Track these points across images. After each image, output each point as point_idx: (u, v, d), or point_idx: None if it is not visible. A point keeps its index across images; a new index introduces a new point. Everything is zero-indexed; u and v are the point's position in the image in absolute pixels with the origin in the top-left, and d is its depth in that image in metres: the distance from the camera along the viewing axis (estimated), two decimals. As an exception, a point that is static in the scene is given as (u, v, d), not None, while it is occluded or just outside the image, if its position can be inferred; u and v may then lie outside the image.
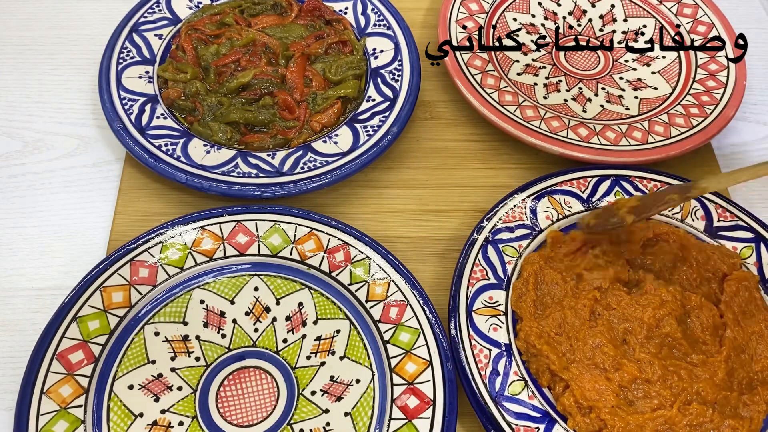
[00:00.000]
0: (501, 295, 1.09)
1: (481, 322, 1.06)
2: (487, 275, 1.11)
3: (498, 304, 1.08)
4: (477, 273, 1.10)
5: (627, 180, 1.21)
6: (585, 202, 1.19)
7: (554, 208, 1.18)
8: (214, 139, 1.22)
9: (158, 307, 1.07)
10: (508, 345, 1.05)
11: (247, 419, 1.00)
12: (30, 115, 1.31)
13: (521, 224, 1.16)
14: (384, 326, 1.06)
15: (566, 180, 1.21)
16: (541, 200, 1.18)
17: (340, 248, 1.11)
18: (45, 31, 1.43)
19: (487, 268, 1.11)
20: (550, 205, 1.18)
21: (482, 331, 1.05)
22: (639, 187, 1.21)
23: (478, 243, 1.13)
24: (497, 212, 1.16)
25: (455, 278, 1.09)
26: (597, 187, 1.20)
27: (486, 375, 1.01)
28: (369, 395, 1.02)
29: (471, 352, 1.03)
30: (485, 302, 1.08)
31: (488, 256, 1.12)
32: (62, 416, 0.95)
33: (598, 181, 1.21)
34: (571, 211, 1.18)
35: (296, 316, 1.08)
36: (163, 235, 1.10)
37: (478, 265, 1.11)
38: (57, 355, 0.99)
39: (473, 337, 1.04)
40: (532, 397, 1.01)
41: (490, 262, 1.12)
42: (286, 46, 1.35)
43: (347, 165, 1.19)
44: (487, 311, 1.08)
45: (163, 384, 1.01)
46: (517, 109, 1.29)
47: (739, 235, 1.18)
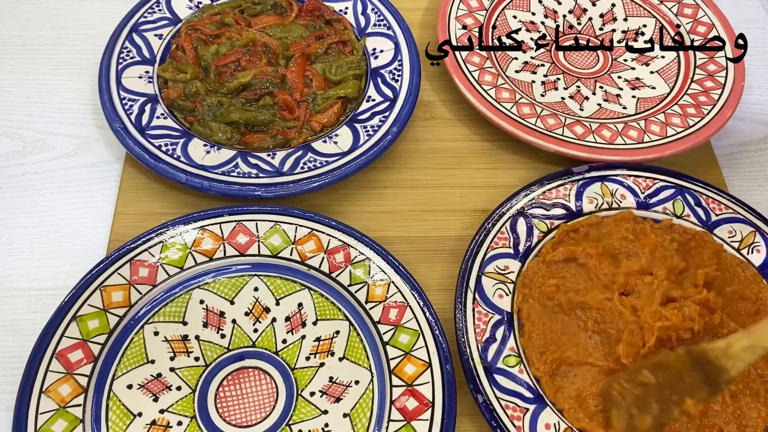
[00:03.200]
0: (515, 266, 1.11)
1: (489, 285, 1.07)
2: (508, 244, 1.12)
3: (509, 272, 1.09)
4: (499, 242, 1.12)
5: (690, 193, 1.22)
6: (640, 201, 1.20)
7: (602, 195, 1.19)
8: (214, 139, 1.22)
9: (158, 307, 1.07)
10: (509, 314, 1.06)
11: (245, 419, 1.00)
12: (30, 115, 1.31)
13: (560, 203, 1.18)
14: (383, 327, 1.06)
15: (628, 174, 1.22)
16: (592, 185, 1.20)
17: (340, 249, 1.11)
18: (45, 31, 1.43)
19: (511, 238, 1.13)
20: (599, 191, 1.19)
21: (487, 296, 1.06)
22: (701, 203, 1.21)
23: (508, 214, 1.15)
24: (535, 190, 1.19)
25: (474, 244, 1.11)
26: (659, 192, 1.21)
27: (482, 341, 1.02)
28: (368, 396, 1.02)
29: (472, 314, 1.04)
30: (497, 268, 1.09)
31: (516, 227, 1.14)
32: (61, 415, 0.95)
33: (662, 188, 1.22)
34: (620, 205, 1.19)
35: (296, 317, 1.08)
36: (164, 235, 1.10)
37: (504, 234, 1.13)
38: (56, 354, 0.99)
39: (477, 302, 1.05)
40: (522, 371, 1.01)
41: (516, 233, 1.14)
42: (286, 46, 1.35)
43: (347, 165, 1.19)
44: (497, 277, 1.09)
45: (162, 384, 1.01)
46: (513, 106, 1.29)
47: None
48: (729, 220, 1.20)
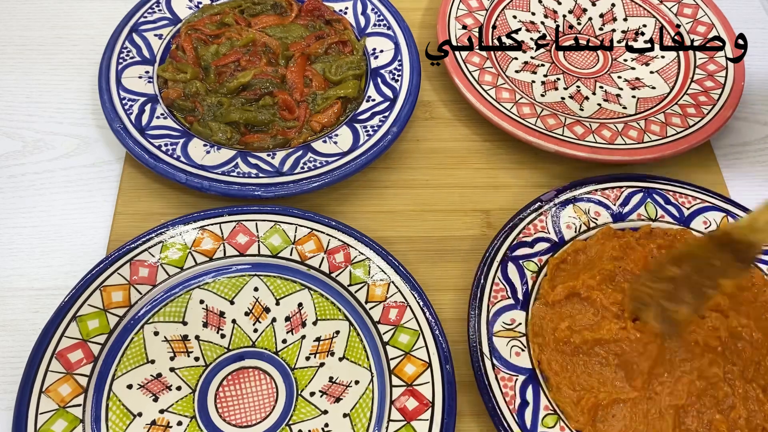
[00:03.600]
0: (521, 316, 1.08)
1: (502, 345, 1.05)
2: (507, 295, 1.10)
3: (518, 326, 1.07)
4: (497, 295, 1.10)
5: (658, 193, 1.21)
6: (615, 213, 1.19)
7: (577, 217, 1.18)
8: (214, 139, 1.22)
9: (158, 307, 1.07)
10: (532, 371, 1.04)
11: (245, 419, 1.00)
12: (30, 115, 1.31)
13: (541, 237, 1.16)
14: (383, 327, 1.06)
15: (595, 189, 1.21)
16: (564, 209, 1.19)
17: (340, 249, 1.12)
18: (45, 31, 1.43)
19: (507, 287, 1.11)
20: (573, 214, 1.18)
21: (504, 357, 1.04)
22: (671, 200, 1.21)
23: (496, 261, 1.13)
24: (515, 228, 1.16)
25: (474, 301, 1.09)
26: (629, 199, 1.20)
27: (515, 409, 1.00)
28: (368, 396, 1.02)
29: (496, 382, 1.02)
30: (505, 325, 1.07)
31: (507, 274, 1.12)
32: (61, 415, 0.95)
33: (630, 194, 1.21)
34: (597, 222, 1.18)
35: (296, 317, 1.08)
36: (164, 235, 1.10)
37: (498, 284, 1.11)
38: (56, 354, 0.99)
39: (497, 368, 1.03)
40: (563, 429, 1.00)
41: (509, 280, 1.11)
42: (286, 46, 1.35)
43: (347, 165, 1.19)
44: (508, 334, 1.06)
45: (162, 384, 1.01)
46: (513, 106, 1.29)
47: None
48: (700, 210, 1.20)
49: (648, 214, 1.19)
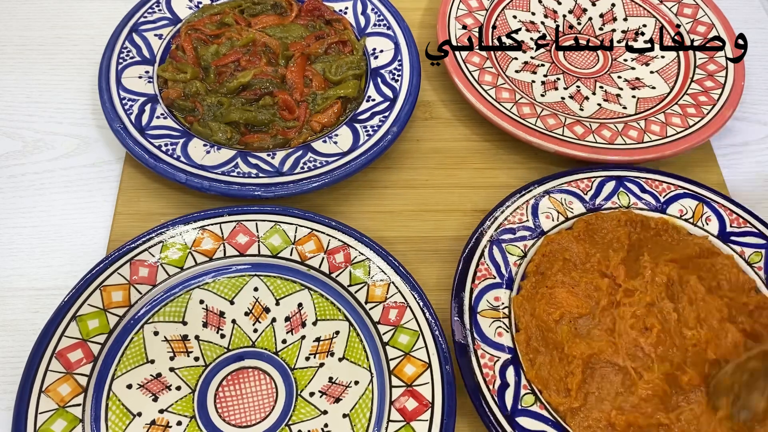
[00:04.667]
0: (505, 296, 1.09)
1: (486, 325, 1.06)
2: (491, 274, 1.11)
3: (503, 306, 1.08)
4: (482, 271, 1.10)
5: (631, 180, 1.21)
6: (586, 202, 1.19)
7: (555, 209, 1.18)
8: (214, 139, 1.22)
9: (158, 307, 1.07)
10: (512, 349, 1.04)
11: (245, 420, 1.00)
12: (30, 115, 1.31)
13: (522, 226, 1.16)
14: (383, 328, 1.06)
15: (569, 181, 1.21)
16: (542, 200, 1.18)
17: (340, 249, 1.12)
18: (45, 31, 1.43)
19: (491, 267, 1.11)
20: (551, 205, 1.18)
21: (487, 336, 1.05)
22: (645, 188, 1.21)
23: (482, 244, 1.13)
24: (498, 216, 1.16)
25: (457, 280, 1.09)
26: (601, 188, 1.20)
27: (495, 389, 1.01)
28: (367, 397, 1.02)
29: (477, 359, 1.03)
30: (490, 303, 1.08)
31: (493, 256, 1.12)
32: (61, 415, 0.95)
33: (602, 182, 1.21)
34: (573, 213, 1.18)
35: (296, 317, 1.08)
36: (164, 235, 1.10)
37: (483, 264, 1.11)
38: (56, 354, 0.99)
39: (478, 343, 1.04)
40: (542, 408, 1.00)
41: (495, 261, 1.12)
42: (286, 46, 1.35)
43: (347, 165, 1.19)
44: (491, 314, 1.07)
45: (161, 383, 1.01)
46: (513, 106, 1.29)
47: (749, 241, 1.17)
48: (676, 197, 1.21)
49: (621, 203, 1.19)
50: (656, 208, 1.20)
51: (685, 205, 1.20)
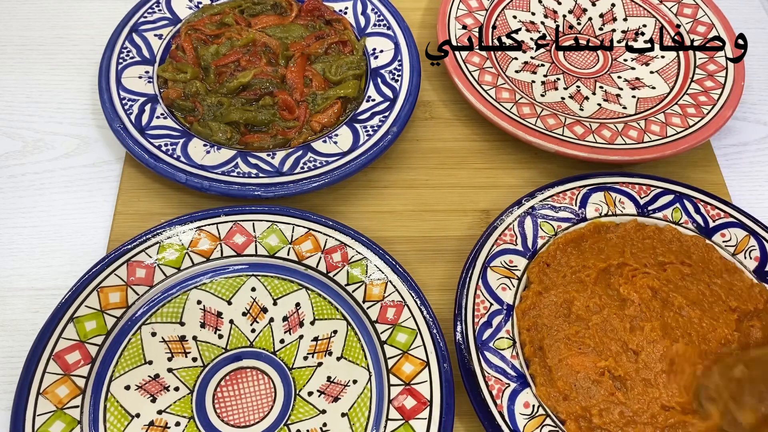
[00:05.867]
0: (522, 263, 1.11)
1: (493, 278, 1.08)
2: (515, 242, 1.12)
3: (515, 269, 1.10)
4: (506, 237, 1.13)
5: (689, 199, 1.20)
6: (641, 207, 1.19)
7: (606, 203, 1.18)
8: (214, 139, 1.22)
9: (155, 308, 1.07)
10: (510, 306, 1.06)
11: (244, 420, 1.00)
12: (30, 115, 1.31)
13: (567, 207, 1.17)
14: (381, 327, 1.06)
15: (628, 182, 1.21)
16: (595, 193, 1.19)
17: (337, 249, 1.12)
18: (45, 31, 1.44)
19: (518, 236, 1.13)
20: (603, 199, 1.19)
21: (491, 286, 1.07)
22: (700, 209, 1.20)
23: (516, 212, 1.15)
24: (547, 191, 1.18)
25: (484, 235, 1.12)
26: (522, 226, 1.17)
27: (478, 323, 1.03)
28: (366, 396, 1.02)
29: (472, 300, 1.05)
30: (504, 263, 1.10)
31: (524, 226, 1.14)
32: (59, 417, 0.95)
33: (661, 193, 1.21)
34: (623, 212, 1.18)
35: (293, 317, 1.08)
36: (160, 236, 1.10)
37: (511, 230, 1.13)
38: (54, 356, 0.99)
39: (480, 288, 1.06)
40: (514, 357, 1.02)
41: (523, 232, 1.14)
42: (286, 46, 1.35)
43: (347, 165, 1.19)
44: (503, 271, 1.09)
45: (159, 384, 1.01)
46: (513, 106, 1.29)
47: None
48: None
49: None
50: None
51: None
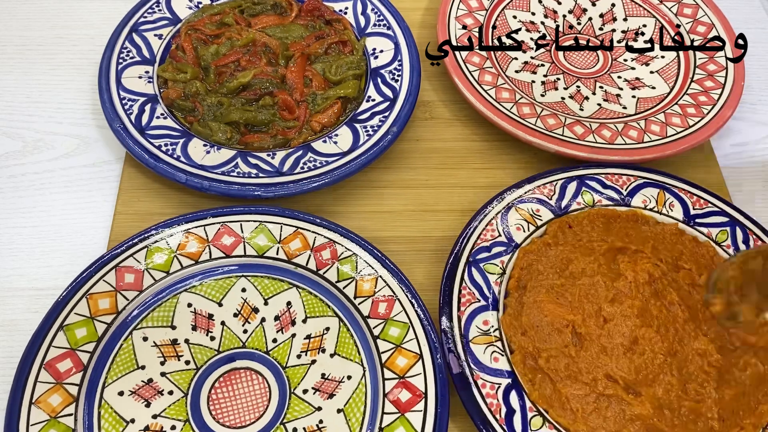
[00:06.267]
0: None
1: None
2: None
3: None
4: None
5: (592, 178, 1.21)
6: (552, 207, 1.19)
7: (524, 219, 1.17)
8: (214, 139, 1.22)
9: (145, 312, 1.07)
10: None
11: (239, 420, 1.00)
12: (30, 115, 1.32)
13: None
14: (373, 322, 1.06)
15: (532, 188, 1.20)
16: (509, 213, 1.17)
17: (326, 246, 1.12)
18: (45, 31, 1.44)
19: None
20: (519, 216, 1.17)
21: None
22: (606, 183, 1.21)
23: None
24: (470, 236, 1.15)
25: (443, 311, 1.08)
26: (564, 190, 1.20)
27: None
28: (361, 391, 1.02)
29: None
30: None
31: (473, 277, 1.11)
32: (52, 426, 0.95)
33: (564, 183, 1.21)
34: (542, 220, 1.18)
35: (285, 316, 1.08)
36: (148, 240, 1.10)
37: (465, 288, 1.10)
38: (45, 365, 0.99)
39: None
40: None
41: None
42: (286, 46, 1.35)
43: (347, 165, 1.20)
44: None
45: (153, 389, 1.01)
46: (513, 106, 1.29)
47: (714, 221, 1.19)
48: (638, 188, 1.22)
49: (585, 202, 1.19)
50: (620, 201, 1.20)
51: (647, 194, 1.21)
